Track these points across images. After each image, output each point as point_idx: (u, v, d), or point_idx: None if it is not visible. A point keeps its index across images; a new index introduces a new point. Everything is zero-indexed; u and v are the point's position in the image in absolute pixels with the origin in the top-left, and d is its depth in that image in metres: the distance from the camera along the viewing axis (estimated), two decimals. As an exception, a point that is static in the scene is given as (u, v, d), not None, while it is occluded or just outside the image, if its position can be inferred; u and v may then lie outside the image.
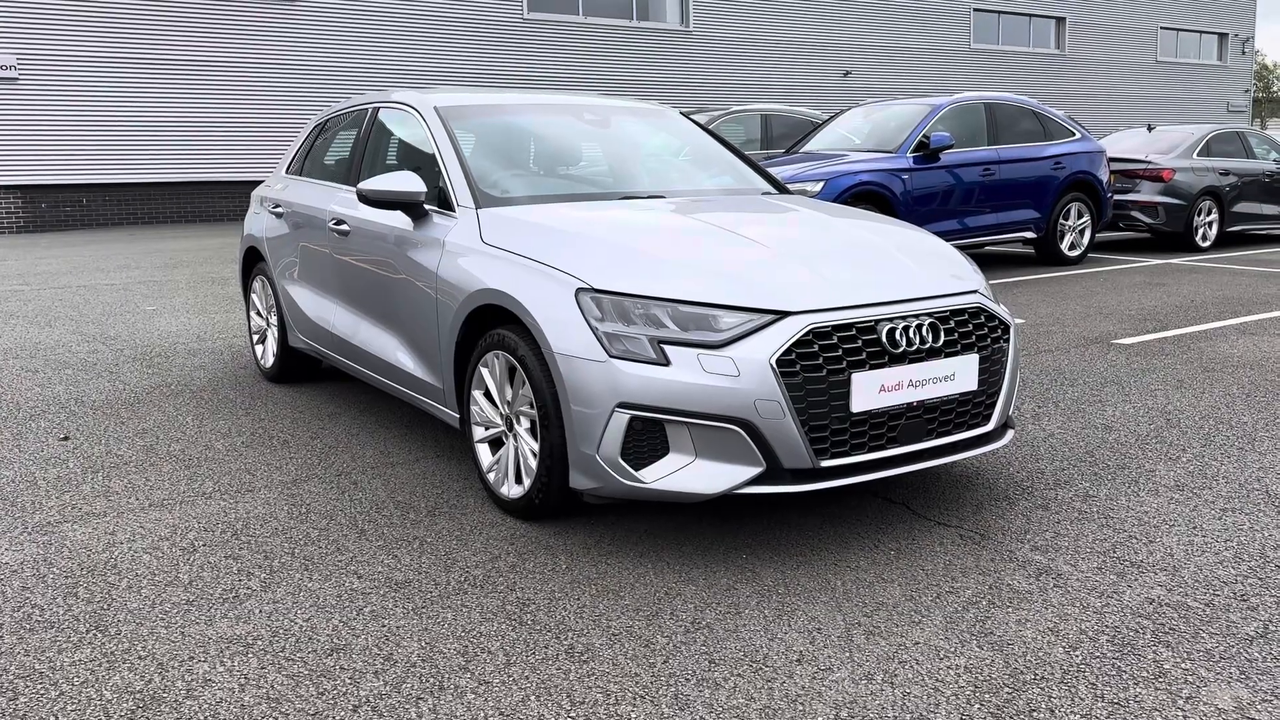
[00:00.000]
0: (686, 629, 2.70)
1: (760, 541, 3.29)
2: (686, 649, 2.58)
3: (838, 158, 9.80)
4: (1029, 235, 10.58)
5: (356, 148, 4.85)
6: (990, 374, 3.40)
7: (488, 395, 3.58)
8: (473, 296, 3.55)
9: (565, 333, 3.15)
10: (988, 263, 11.13)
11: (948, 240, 10.30)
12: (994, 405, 3.46)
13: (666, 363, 3.01)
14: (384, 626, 2.73)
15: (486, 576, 3.04)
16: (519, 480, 3.45)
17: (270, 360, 5.64)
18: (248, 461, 4.21)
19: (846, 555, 3.19)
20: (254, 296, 5.84)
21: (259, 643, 2.65)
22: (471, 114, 4.39)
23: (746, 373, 2.97)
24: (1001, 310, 3.53)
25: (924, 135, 9.75)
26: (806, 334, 3.02)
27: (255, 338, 5.87)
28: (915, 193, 9.59)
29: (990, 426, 3.46)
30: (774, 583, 2.99)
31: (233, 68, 19.94)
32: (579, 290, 3.17)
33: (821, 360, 3.03)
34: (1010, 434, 3.62)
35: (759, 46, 25.85)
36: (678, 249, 3.36)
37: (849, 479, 3.12)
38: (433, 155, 4.14)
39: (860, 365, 3.08)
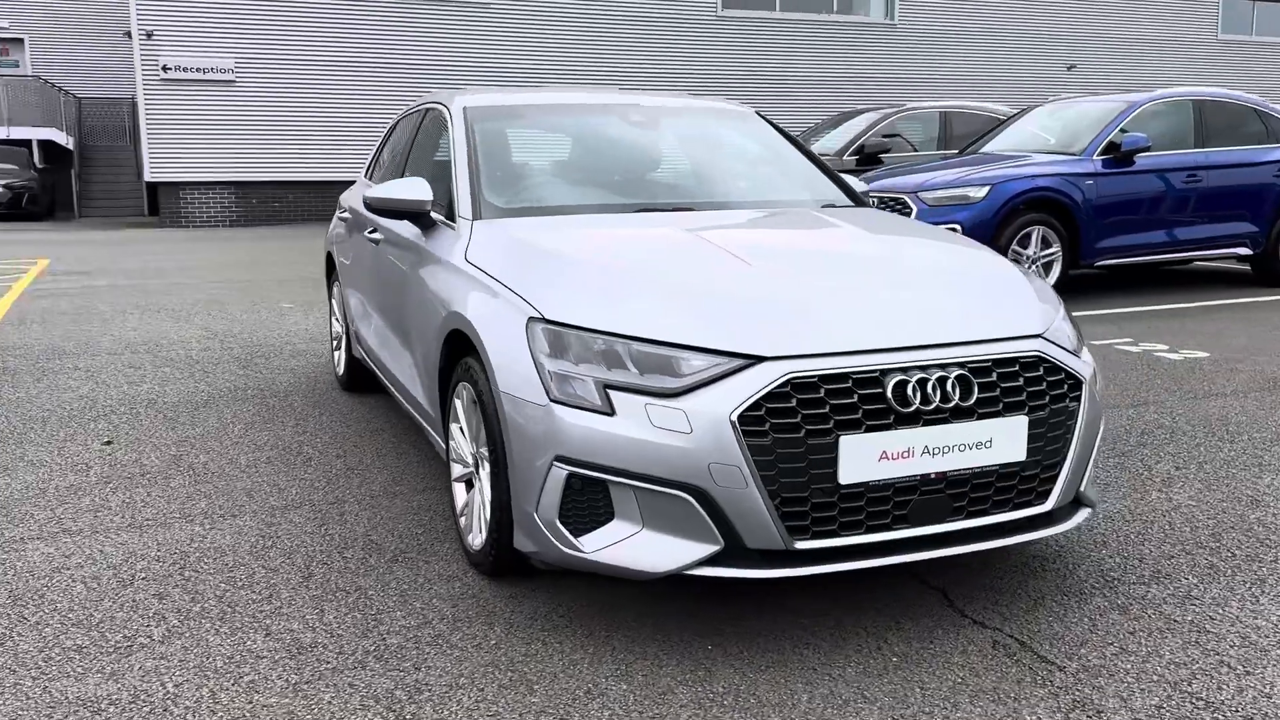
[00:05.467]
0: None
1: (737, 627, 2.72)
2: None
3: (1013, 160, 8.82)
4: (1243, 251, 9.19)
5: (404, 151, 4.57)
6: (1048, 441, 2.69)
7: (463, 430, 3.18)
8: (446, 320, 3.17)
9: (512, 368, 2.71)
10: (1193, 282, 9.79)
11: (1142, 256, 9.16)
12: (1054, 480, 2.74)
13: (611, 412, 2.51)
14: (249, 702, 2.38)
15: (400, 647, 2.64)
16: (482, 530, 3.03)
17: (341, 368, 5.48)
18: (257, 480, 3.99)
19: (833, 657, 2.58)
20: (333, 302, 5.71)
21: (110, 709, 2.35)
22: (502, 115, 4.00)
23: (700, 429, 2.43)
24: (1073, 360, 2.80)
25: (1114, 136, 8.63)
26: (783, 385, 2.45)
27: (334, 344, 5.74)
28: (1100, 201, 8.49)
29: (1048, 506, 2.74)
30: (724, 689, 2.43)
31: (434, 71, 20.51)
32: (530, 320, 2.71)
33: (800, 418, 2.44)
34: (1082, 515, 2.88)
35: (971, 39, 24.29)
36: (660, 275, 2.83)
37: (833, 565, 2.52)
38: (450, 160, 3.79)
39: (853, 426, 2.47)
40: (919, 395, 2.52)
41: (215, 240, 16.39)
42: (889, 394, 2.50)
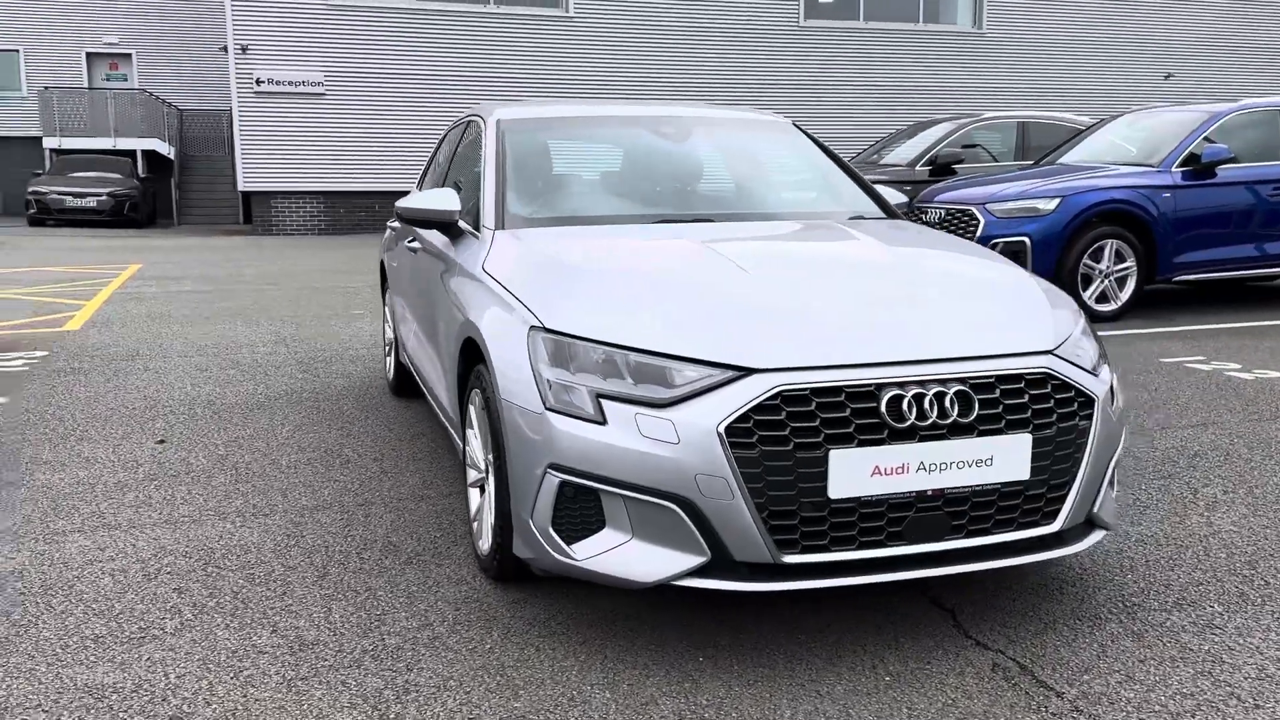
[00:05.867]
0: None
1: (733, 639, 2.71)
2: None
3: (1087, 171, 8.59)
4: (1334, 268, 8.78)
5: (447, 161, 4.66)
6: (1055, 460, 2.61)
7: (477, 436, 3.23)
8: (462, 328, 3.22)
9: (513, 376, 2.74)
10: (1277, 299, 9.39)
11: (1223, 272, 8.80)
12: (1062, 500, 2.66)
13: (603, 421, 2.52)
14: (243, 696, 2.45)
15: (397, 647, 2.69)
16: (489, 535, 3.07)
17: (391, 374, 5.60)
18: (293, 481, 4.10)
19: (825, 674, 2.54)
20: (386, 309, 5.84)
21: (113, 696, 2.45)
22: (534, 128, 4.05)
23: (687, 440, 2.43)
24: (1086, 378, 2.71)
25: (1194, 148, 8.33)
26: (772, 397, 2.43)
27: (385, 350, 5.88)
28: (1177, 215, 8.21)
29: (1055, 527, 2.67)
30: (708, 701, 2.42)
31: (516, 86, 20.80)
32: (531, 329, 2.74)
33: (789, 431, 2.42)
34: (1095, 537, 2.79)
35: (1062, 47, 23.69)
36: (662, 286, 2.83)
37: (822, 581, 2.49)
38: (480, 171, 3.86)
39: (844, 440, 2.44)
40: (915, 410, 2.48)
41: (301, 248, 16.87)
42: (883, 408, 2.46)
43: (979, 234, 8.20)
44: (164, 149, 25.64)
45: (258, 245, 17.60)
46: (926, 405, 2.49)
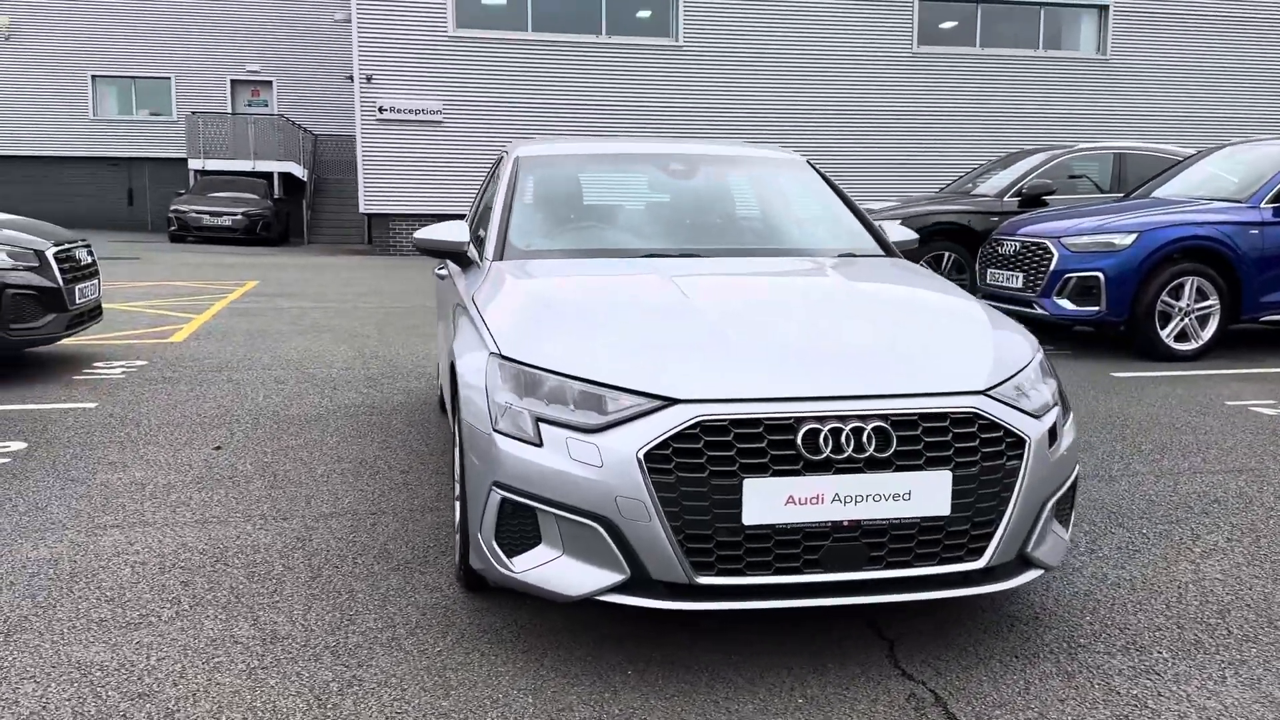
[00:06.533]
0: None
1: (669, 655, 2.83)
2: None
3: (1169, 206, 8.37)
4: None
5: (481, 193, 4.94)
6: (979, 497, 2.67)
7: (461, 453, 3.46)
8: (449, 352, 3.46)
9: (472, 398, 2.96)
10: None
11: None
12: (988, 537, 2.71)
13: (539, 443, 2.71)
14: (207, 680, 2.71)
15: (357, 645, 2.92)
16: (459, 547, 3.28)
17: (440, 391, 5.90)
18: (320, 489, 4.41)
19: (741, 693, 2.65)
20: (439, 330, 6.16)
21: (97, 673, 2.74)
22: (550, 163, 4.29)
23: (609, 464, 2.59)
24: (1019, 419, 2.75)
25: (1287, 182, 8.03)
26: (692, 426, 2.57)
27: (437, 368, 6.19)
28: (1265, 252, 7.91)
29: (981, 564, 2.72)
30: (619, 712, 2.56)
31: (625, 115, 21.21)
32: (490, 355, 2.96)
33: (705, 459, 2.56)
34: (1028, 575, 2.83)
35: (1191, 74, 22.81)
36: (615, 319, 3.02)
37: (738, 603, 2.61)
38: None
39: (759, 470, 2.56)
40: (831, 444, 2.58)
41: (413, 267, 17.58)
42: (799, 441, 2.58)
43: (1052, 268, 8.08)
44: (299, 172, 27.06)
45: (373, 265, 18.43)
46: (843, 440, 2.59)
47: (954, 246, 10.51)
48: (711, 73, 21.53)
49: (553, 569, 2.71)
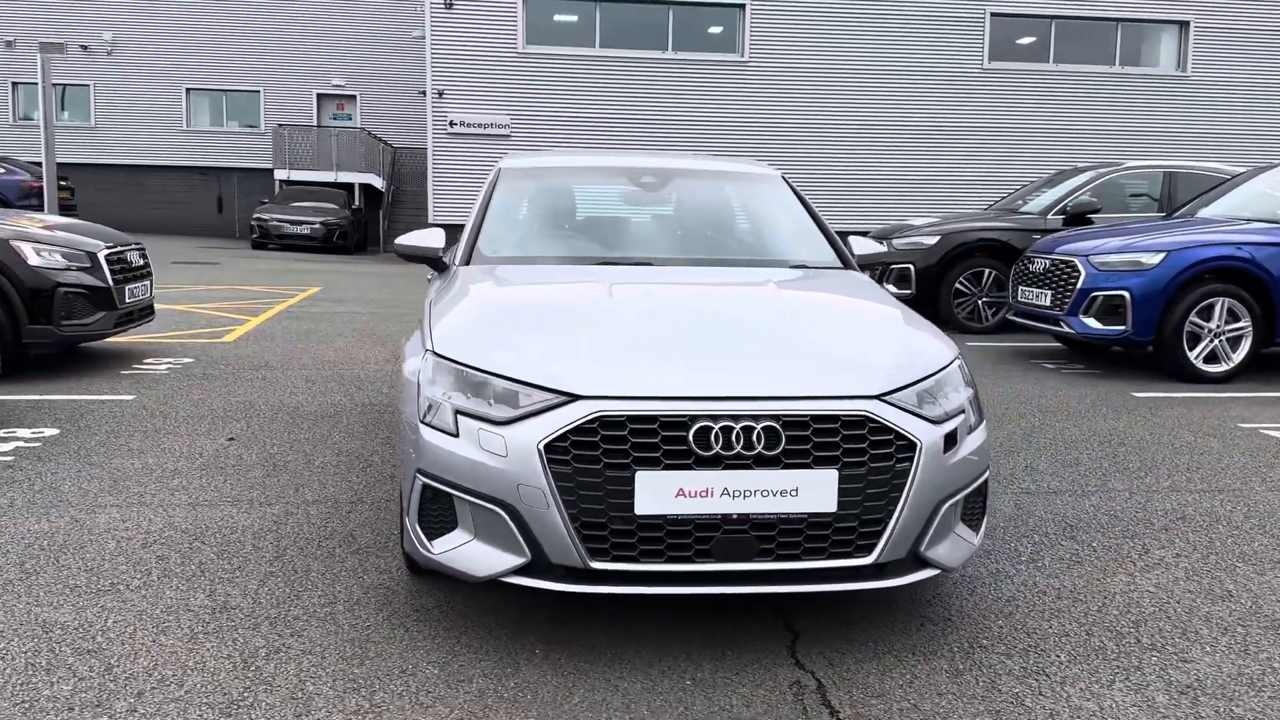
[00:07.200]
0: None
1: (585, 637, 3.01)
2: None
3: (1204, 225, 8.25)
4: None
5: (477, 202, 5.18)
6: (867, 496, 2.80)
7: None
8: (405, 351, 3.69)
9: (409, 393, 3.18)
10: None
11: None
12: (877, 535, 2.83)
13: (457, 434, 2.91)
14: (152, 642, 2.96)
15: (294, 618, 3.15)
16: (409, 532, 3.50)
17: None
18: (312, 478, 4.68)
19: (636, 672, 2.81)
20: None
21: (57, 631, 3.02)
22: (530, 175, 4.51)
23: (513, 454, 2.78)
24: (912, 423, 2.86)
25: (1326, 203, 7.86)
26: (590, 421, 2.75)
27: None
28: (1302, 274, 7.75)
29: (869, 560, 2.84)
30: (516, 685, 2.74)
31: (691, 130, 21.42)
32: (426, 352, 3.18)
33: (600, 452, 2.73)
34: (921, 574, 2.94)
35: (1274, 90, 22.16)
36: (544, 320, 3.22)
37: (626, 587, 2.78)
38: (481, 213, 4.34)
39: (651, 464, 2.73)
40: (721, 442, 2.74)
41: (474, 277, 18.02)
42: (690, 438, 2.73)
43: (1079, 286, 8.03)
44: (378, 183, 27.88)
45: (437, 273, 18.91)
46: (733, 438, 2.74)
47: (993, 263, 10.47)
48: (777, 89, 21.63)
49: (465, 551, 2.90)
